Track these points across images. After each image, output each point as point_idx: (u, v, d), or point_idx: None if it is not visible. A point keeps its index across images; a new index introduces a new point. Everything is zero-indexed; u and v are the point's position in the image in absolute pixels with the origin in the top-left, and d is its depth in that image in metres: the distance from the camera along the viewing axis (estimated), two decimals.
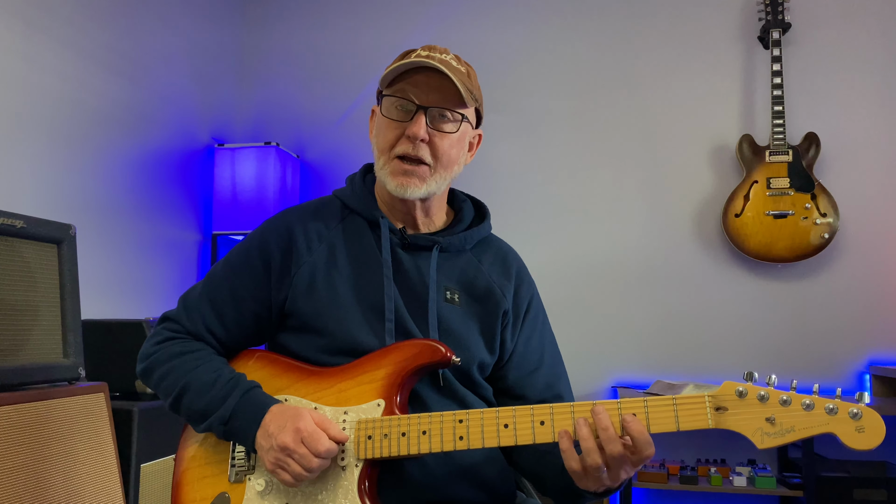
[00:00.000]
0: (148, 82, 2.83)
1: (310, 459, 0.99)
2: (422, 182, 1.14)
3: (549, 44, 3.21)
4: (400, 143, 1.13)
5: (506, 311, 1.20)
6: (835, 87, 2.92)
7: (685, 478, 2.59)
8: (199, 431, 1.14)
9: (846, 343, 2.81)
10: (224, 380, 1.11)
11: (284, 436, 1.00)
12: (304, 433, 0.99)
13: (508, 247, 1.30)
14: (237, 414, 1.07)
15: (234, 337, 1.20)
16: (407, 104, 1.13)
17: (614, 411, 0.95)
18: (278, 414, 1.04)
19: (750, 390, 0.93)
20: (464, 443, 0.99)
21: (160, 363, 1.16)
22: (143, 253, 2.81)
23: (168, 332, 1.20)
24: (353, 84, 3.39)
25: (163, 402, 1.17)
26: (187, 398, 1.11)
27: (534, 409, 0.98)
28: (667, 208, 3.03)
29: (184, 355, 1.16)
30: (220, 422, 1.08)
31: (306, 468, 0.99)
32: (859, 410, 0.87)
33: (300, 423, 1.00)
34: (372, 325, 1.13)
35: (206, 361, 1.15)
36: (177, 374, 1.13)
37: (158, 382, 1.16)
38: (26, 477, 1.44)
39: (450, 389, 1.14)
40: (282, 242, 1.18)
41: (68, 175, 2.41)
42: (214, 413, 1.08)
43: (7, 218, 1.52)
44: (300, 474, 1.00)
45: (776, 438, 0.90)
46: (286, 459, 1.00)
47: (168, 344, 1.18)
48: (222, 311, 1.18)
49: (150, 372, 1.18)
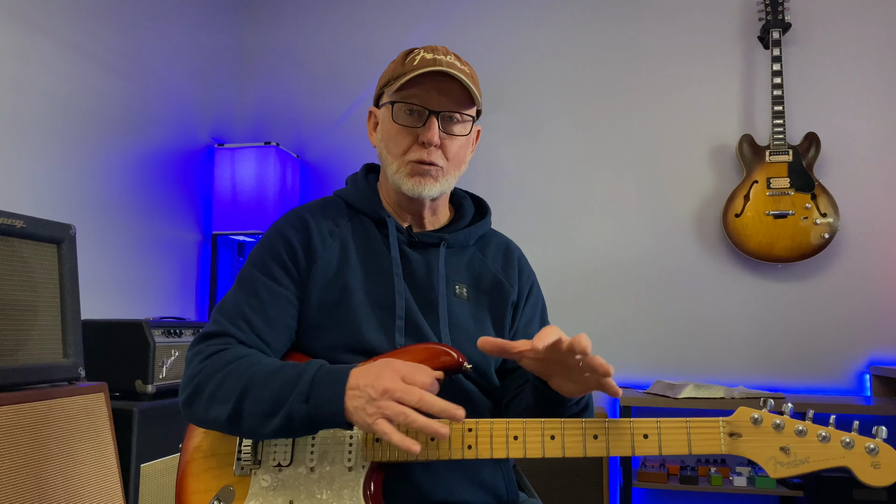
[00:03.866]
0: (148, 82, 2.83)
1: (412, 392, 0.91)
2: (435, 181, 1.16)
3: (550, 44, 3.21)
4: (413, 150, 1.14)
5: (514, 302, 1.23)
6: (835, 87, 2.92)
7: (685, 478, 2.59)
8: (270, 435, 0.99)
9: (846, 343, 2.81)
10: (290, 365, 1.02)
11: (383, 381, 0.92)
12: (403, 371, 0.94)
13: (508, 239, 1.33)
14: (318, 385, 0.96)
15: (283, 336, 1.13)
16: (418, 109, 1.13)
17: (626, 431, 0.95)
18: (364, 371, 0.96)
19: (765, 418, 0.92)
20: (472, 452, 0.99)
21: (210, 377, 1.03)
22: (143, 253, 2.81)
23: (212, 348, 1.07)
24: (353, 84, 3.39)
25: (219, 421, 1.01)
26: (252, 396, 0.99)
27: (545, 423, 0.98)
28: (667, 208, 3.03)
29: (238, 360, 1.04)
30: (301, 399, 0.96)
31: (413, 400, 0.90)
32: (876, 446, 0.87)
33: (395, 365, 0.95)
34: (382, 323, 1.13)
35: (263, 359, 1.05)
36: (234, 378, 1.01)
37: (211, 398, 1.01)
38: (26, 477, 1.44)
39: (453, 383, 1.13)
40: (300, 237, 1.17)
41: (68, 175, 2.41)
42: (291, 394, 0.96)
43: (7, 218, 1.52)
44: (403, 412, 0.90)
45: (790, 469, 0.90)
46: (388, 403, 0.91)
47: (216, 357, 1.05)
48: (266, 313, 1.11)
49: (199, 391, 1.03)
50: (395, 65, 1.17)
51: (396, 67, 1.16)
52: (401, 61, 1.16)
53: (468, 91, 1.13)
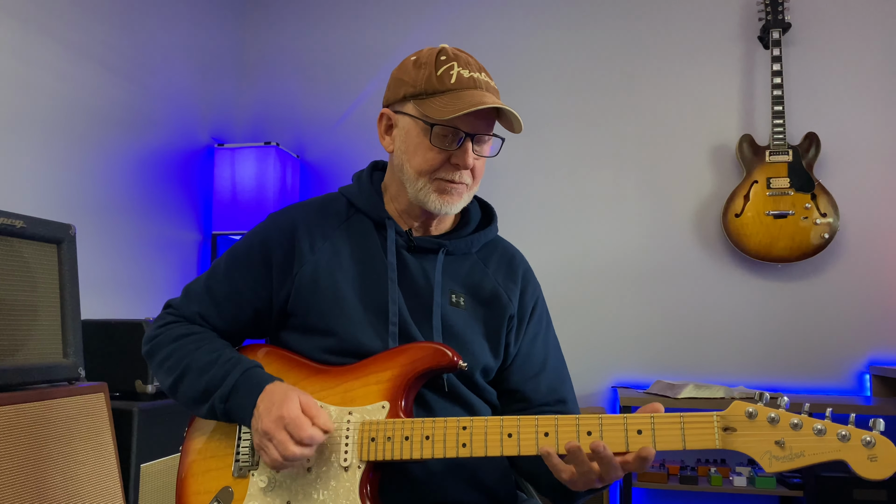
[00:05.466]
0: (148, 82, 2.83)
1: (286, 446, 0.97)
2: (460, 198, 1.15)
3: (550, 44, 3.21)
4: (444, 169, 1.12)
5: (511, 316, 1.19)
6: (835, 87, 2.92)
7: (685, 478, 2.59)
8: (200, 415, 1.13)
9: (846, 343, 2.81)
10: (224, 359, 1.11)
11: (267, 420, 1.00)
12: (287, 419, 0.98)
13: (514, 249, 1.29)
14: (237, 391, 1.06)
15: (231, 330, 1.20)
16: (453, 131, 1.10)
17: (620, 427, 0.93)
18: (270, 393, 1.03)
19: (760, 411, 0.90)
20: (467, 450, 0.99)
21: (163, 344, 1.17)
22: (143, 253, 2.81)
23: (170, 317, 1.21)
24: (353, 84, 3.39)
25: (163, 386, 1.16)
26: (189, 379, 1.11)
27: (538, 420, 0.97)
28: (667, 208, 3.03)
29: (186, 337, 1.16)
30: (221, 400, 1.07)
31: (283, 454, 0.98)
32: (873, 438, 0.84)
33: (284, 410, 0.99)
34: (375, 328, 1.12)
35: (207, 342, 1.15)
36: (179, 356, 1.14)
37: (160, 364, 1.16)
38: (26, 477, 1.44)
39: (455, 393, 1.13)
40: (284, 240, 1.17)
41: (68, 175, 2.41)
42: (216, 391, 1.08)
43: (7, 218, 1.52)
44: (276, 460, 0.99)
45: (785, 463, 0.87)
46: (266, 443, 1.00)
47: (171, 326, 1.19)
48: (220, 305, 1.19)
49: (152, 354, 1.18)
50: (427, 75, 1.11)
51: (430, 80, 1.10)
52: (433, 72, 1.11)
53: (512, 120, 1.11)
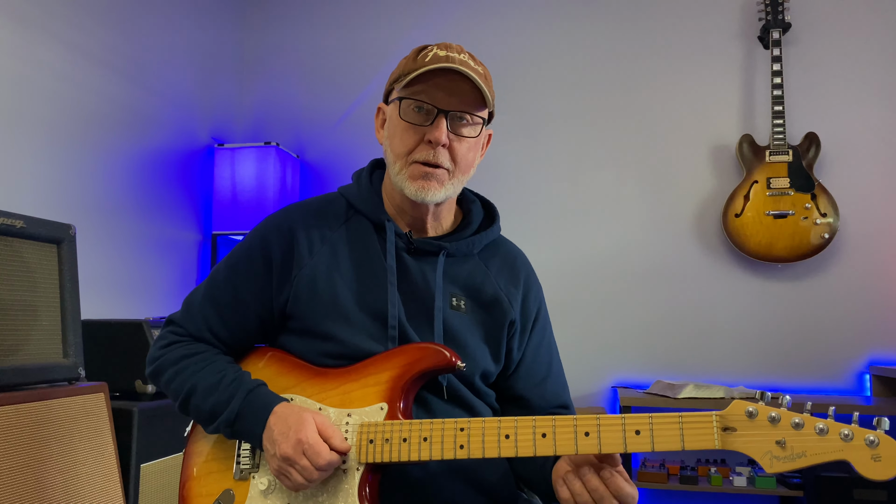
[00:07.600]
0: (148, 82, 2.83)
1: (311, 472, 0.99)
2: (440, 186, 1.11)
3: (551, 44, 3.21)
4: (419, 149, 1.09)
5: (513, 321, 1.18)
6: (835, 87, 2.92)
7: (685, 478, 2.59)
8: (210, 433, 1.13)
9: (846, 343, 2.81)
10: (228, 380, 1.10)
11: (286, 446, 0.99)
12: (306, 445, 0.98)
13: (518, 251, 1.27)
14: (242, 416, 1.06)
15: (238, 338, 1.19)
16: (427, 107, 1.09)
17: (618, 427, 0.92)
18: (282, 417, 1.02)
19: (760, 411, 0.87)
20: (464, 451, 0.98)
21: (166, 367, 1.16)
22: (143, 253, 2.81)
23: (172, 336, 1.19)
24: (353, 84, 3.39)
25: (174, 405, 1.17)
26: (194, 401, 1.11)
27: (536, 421, 0.96)
28: (667, 208, 3.03)
29: (188, 358, 1.15)
30: (226, 424, 1.07)
31: (307, 479, 0.99)
32: (876, 438, 0.82)
33: (302, 434, 0.99)
34: (375, 333, 1.11)
35: (210, 363, 1.14)
36: (183, 378, 1.13)
37: (167, 385, 1.16)
38: (26, 477, 1.44)
39: (456, 395, 1.13)
40: (283, 242, 1.15)
41: (68, 175, 2.41)
42: (221, 415, 1.08)
43: (7, 218, 1.52)
44: (301, 484, 1.00)
45: (786, 463, 0.85)
46: (288, 469, 1.00)
47: (173, 347, 1.18)
48: (225, 314, 1.17)
49: (158, 375, 1.18)
50: (407, 61, 1.12)
51: (408, 63, 1.11)
52: (413, 57, 1.12)
53: (480, 91, 1.08)
